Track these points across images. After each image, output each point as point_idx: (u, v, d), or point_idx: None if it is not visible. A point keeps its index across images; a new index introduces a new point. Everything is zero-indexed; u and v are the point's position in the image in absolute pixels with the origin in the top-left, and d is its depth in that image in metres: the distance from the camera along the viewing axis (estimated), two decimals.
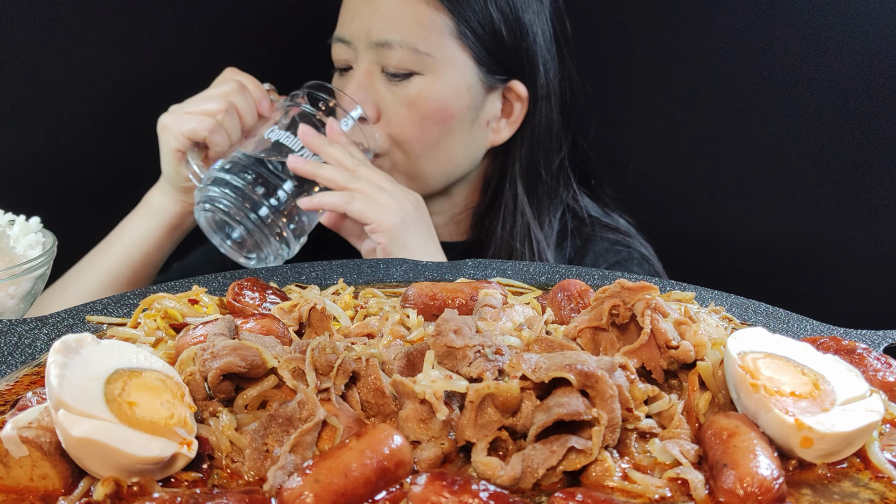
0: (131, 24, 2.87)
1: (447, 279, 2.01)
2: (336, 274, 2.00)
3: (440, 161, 2.68)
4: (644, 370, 1.36)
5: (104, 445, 1.06)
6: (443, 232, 2.80)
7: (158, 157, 2.53)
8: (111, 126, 2.90)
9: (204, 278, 1.90)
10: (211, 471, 1.14)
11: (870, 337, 1.61)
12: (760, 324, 1.72)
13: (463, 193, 2.87)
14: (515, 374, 1.22)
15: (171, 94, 2.54)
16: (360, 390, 1.28)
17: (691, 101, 3.01)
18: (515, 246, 2.72)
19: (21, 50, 2.66)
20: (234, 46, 3.07)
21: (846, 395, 1.26)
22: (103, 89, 2.86)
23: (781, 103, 2.81)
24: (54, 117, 2.79)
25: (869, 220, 2.71)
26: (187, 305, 1.68)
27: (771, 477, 1.07)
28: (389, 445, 1.10)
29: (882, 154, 2.65)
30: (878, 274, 2.70)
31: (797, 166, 2.82)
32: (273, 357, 1.29)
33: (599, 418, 1.16)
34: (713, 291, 1.88)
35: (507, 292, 1.79)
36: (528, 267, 2.06)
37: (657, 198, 3.14)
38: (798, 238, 2.84)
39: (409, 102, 2.56)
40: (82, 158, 2.86)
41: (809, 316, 1.76)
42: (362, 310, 1.73)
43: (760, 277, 2.93)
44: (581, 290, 1.70)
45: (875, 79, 2.63)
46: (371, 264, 2.05)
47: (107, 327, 1.65)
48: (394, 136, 2.62)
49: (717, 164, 3.00)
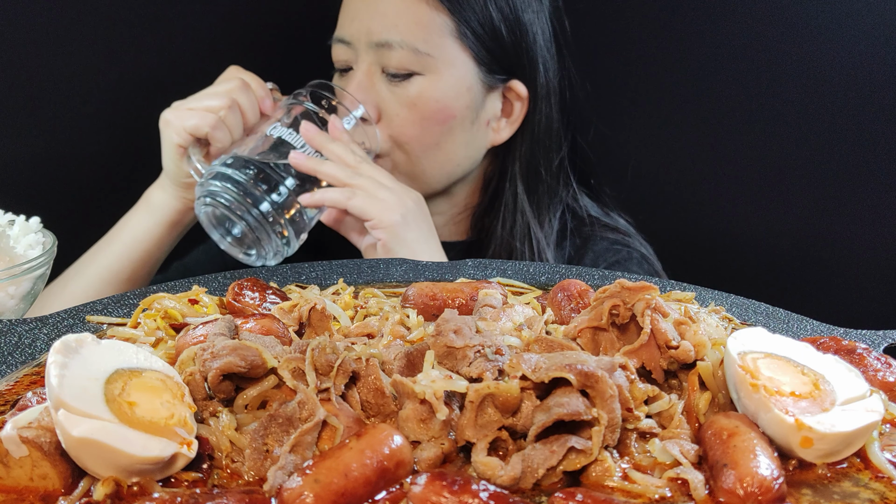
0: (132, 25, 2.87)
1: (447, 279, 2.01)
2: (336, 274, 2.00)
3: (441, 161, 2.68)
4: (644, 370, 1.36)
5: (104, 445, 1.06)
6: (443, 232, 2.79)
7: (159, 158, 2.53)
8: (111, 126, 2.90)
9: (204, 278, 1.90)
10: (211, 471, 1.14)
11: (870, 337, 1.61)
12: (760, 324, 1.72)
13: (463, 193, 2.87)
14: (515, 374, 1.22)
15: (172, 94, 2.54)
16: (360, 390, 1.28)
17: (691, 100, 3.01)
18: (515, 245, 2.71)
19: (21, 50, 2.65)
20: (233, 47, 3.07)
21: (846, 395, 1.25)
22: (104, 90, 2.86)
23: (781, 103, 2.81)
24: (54, 117, 2.78)
25: (869, 220, 2.71)
26: (187, 305, 1.68)
27: (771, 477, 1.07)
28: (389, 445, 1.10)
29: (882, 154, 2.65)
30: (878, 274, 2.70)
31: (797, 166, 2.82)
32: (273, 357, 1.29)
33: (599, 418, 1.15)
34: (713, 291, 1.88)
35: (507, 292, 1.79)
36: (528, 267, 2.06)
37: (657, 197, 3.14)
38: (798, 238, 2.84)
39: (409, 103, 2.56)
40: (82, 158, 2.86)
41: (809, 316, 1.76)
42: (362, 310, 1.73)
43: (760, 277, 2.93)
44: (581, 290, 1.70)
45: (875, 79, 2.62)
46: (371, 264, 2.04)
47: (107, 327, 1.65)
48: (394, 136, 2.61)
49: (717, 163, 3.00)
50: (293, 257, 2.39)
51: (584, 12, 2.94)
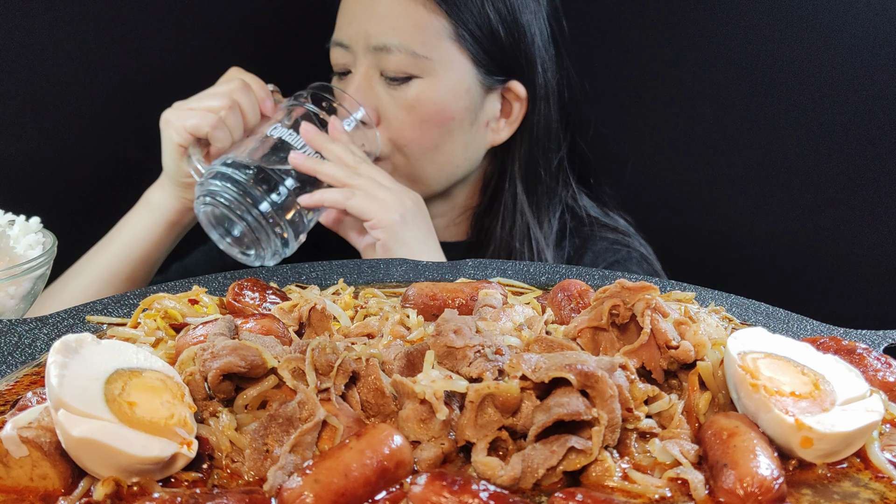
0: (131, 25, 2.86)
1: (447, 279, 2.01)
2: (336, 274, 2.00)
3: (440, 163, 2.68)
4: (644, 370, 1.35)
5: (104, 445, 1.05)
6: (443, 233, 2.79)
7: (159, 158, 2.52)
8: (111, 126, 2.90)
9: (204, 278, 1.90)
10: (211, 471, 1.13)
11: (870, 337, 1.61)
12: (760, 324, 1.72)
13: (463, 195, 2.86)
14: (515, 374, 1.22)
15: (171, 95, 2.53)
16: (360, 390, 1.28)
17: (689, 100, 3.01)
18: (515, 245, 2.71)
19: (21, 50, 2.65)
20: (234, 48, 3.07)
21: (846, 395, 1.25)
22: (104, 90, 2.86)
23: (781, 103, 2.81)
24: (54, 117, 2.78)
25: (869, 221, 2.71)
26: (187, 305, 1.68)
27: (771, 477, 1.06)
28: (389, 445, 1.10)
29: (882, 155, 2.65)
30: (879, 274, 2.70)
31: (797, 166, 2.82)
32: (273, 357, 1.28)
33: (599, 418, 1.15)
34: (713, 291, 1.88)
35: (508, 292, 1.78)
36: (528, 267, 2.06)
37: (656, 197, 3.14)
38: (798, 238, 2.84)
39: (408, 106, 2.56)
40: (82, 158, 2.86)
41: (809, 316, 1.75)
42: (362, 310, 1.72)
43: (760, 277, 2.93)
44: (581, 290, 1.69)
45: (875, 79, 2.62)
46: (371, 264, 2.04)
47: (107, 327, 1.64)
48: (394, 139, 2.61)
49: (716, 163, 3.00)
50: (293, 257, 2.39)
51: (581, 12, 2.94)
